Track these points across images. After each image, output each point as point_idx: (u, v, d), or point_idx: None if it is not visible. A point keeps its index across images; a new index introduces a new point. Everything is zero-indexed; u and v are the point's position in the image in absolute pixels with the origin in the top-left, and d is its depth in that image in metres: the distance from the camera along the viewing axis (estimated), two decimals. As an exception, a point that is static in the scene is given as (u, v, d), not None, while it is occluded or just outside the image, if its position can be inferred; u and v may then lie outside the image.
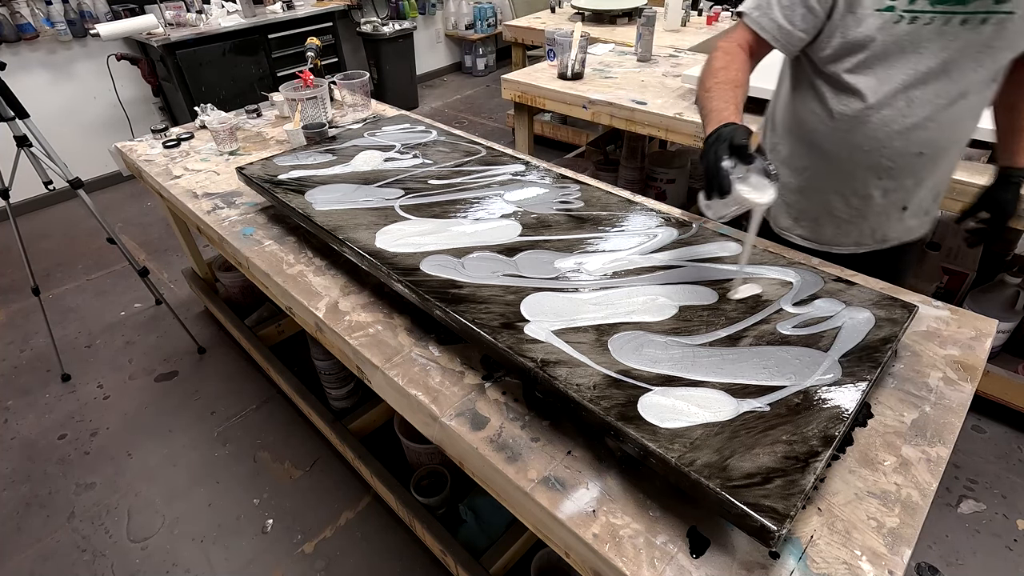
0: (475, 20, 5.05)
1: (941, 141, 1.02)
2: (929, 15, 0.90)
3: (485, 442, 0.86)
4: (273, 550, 1.59)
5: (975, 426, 1.84)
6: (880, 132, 1.02)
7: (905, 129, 1.01)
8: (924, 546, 1.54)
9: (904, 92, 0.98)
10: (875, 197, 1.11)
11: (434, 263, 1.08)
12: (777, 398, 0.78)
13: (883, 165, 1.06)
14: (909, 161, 1.04)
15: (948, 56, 0.93)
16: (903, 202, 1.11)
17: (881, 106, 1.00)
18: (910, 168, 1.06)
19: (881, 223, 1.15)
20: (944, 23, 0.91)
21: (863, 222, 1.15)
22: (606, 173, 2.82)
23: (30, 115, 1.86)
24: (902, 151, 1.03)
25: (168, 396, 2.09)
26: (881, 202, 1.11)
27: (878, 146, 1.04)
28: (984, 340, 1.00)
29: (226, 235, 1.41)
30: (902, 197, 1.10)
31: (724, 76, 1.00)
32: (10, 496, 1.76)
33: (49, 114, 3.15)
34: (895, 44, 0.94)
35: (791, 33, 1.00)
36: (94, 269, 2.81)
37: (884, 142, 1.03)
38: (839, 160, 1.09)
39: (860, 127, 1.03)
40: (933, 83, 0.96)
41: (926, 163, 1.05)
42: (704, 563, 0.70)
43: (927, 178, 1.08)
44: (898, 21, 0.92)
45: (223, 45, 3.32)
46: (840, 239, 1.19)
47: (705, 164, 0.87)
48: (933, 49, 0.93)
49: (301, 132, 1.77)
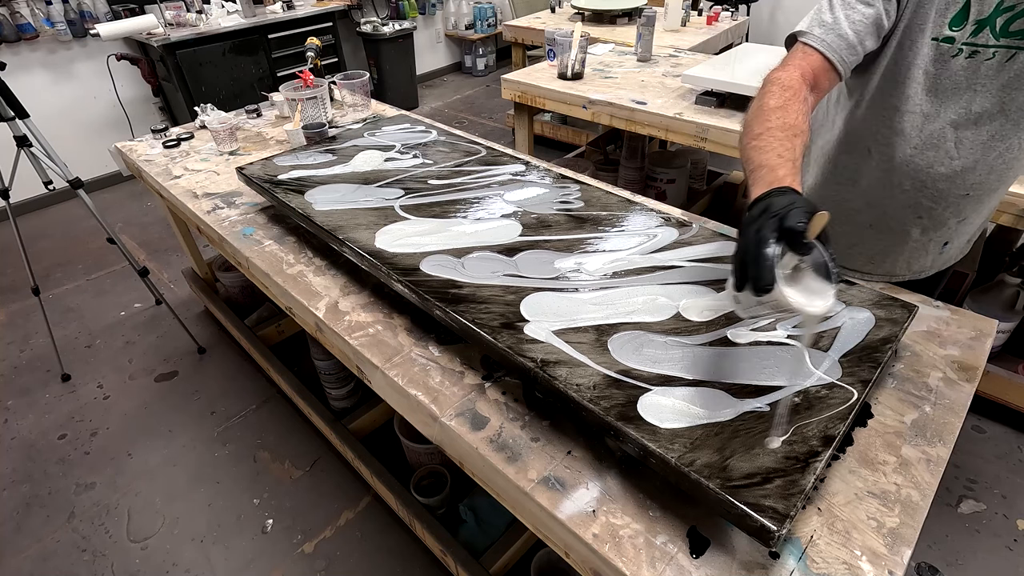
0: (475, 20, 5.05)
1: (991, 183, 0.93)
2: (992, 49, 0.81)
3: (485, 442, 0.86)
4: (273, 550, 1.59)
5: (975, 426, 1.84)
6: (923, 174, 0.93)
7: (952, 173, 0.92)
8: (924, 546, 1.54)
9: (953, 132, 0.88)
10: (912, 235, 1.02)
11: (434, 263, 1.08)
12: (777, 398, 0.78)
13: (924, 205, 0.96)
14: (954, 202, 0.95)
15: (1008, 96, 0.84)
16: (944, 239, 1.02)
17: (926, 147, 0.91)
18: (954, 208, 0.96)
19: (918, 257, 1.07)
20: (1007, 58, 0.81)
21: (898, 256, 1.07)
22: (606, 173, 2.82)
23: (30, 115, 1.86)
24: (946, 193, 0.94)
25: (168, 396, 2.09)
26: (919, 239, 1.02)
27: (919, 186, 0.95)
28: (984, 340, 1.00)
29: (226, 235, 1.41)
30: (943, 235, 1.01)
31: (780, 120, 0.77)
32: (10, 496, 1.76)
33: (49, 114, 3.15)
34: (949, 80, 0.85)
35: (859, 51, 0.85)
36: (94, 269, 2.81)
37: (927, 184, 0.93)
38: (875, 198, 1.00)
39: (900, 167, 0.94)
40: (987, 124, 0.87)
41: (971, 203, 0.96)
42: (704, 563, 0.70)
43: (973, 216, 1.00)
44: (956, 55, 0.83)
45: (223, 45, 3.32)
46: (871, 268, 1.12)
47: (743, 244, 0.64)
48: (992, 88, 0.84)
49: (301, 132, 1.77)
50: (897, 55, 0.87)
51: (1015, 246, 2.03)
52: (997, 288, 1.78)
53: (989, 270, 1.91)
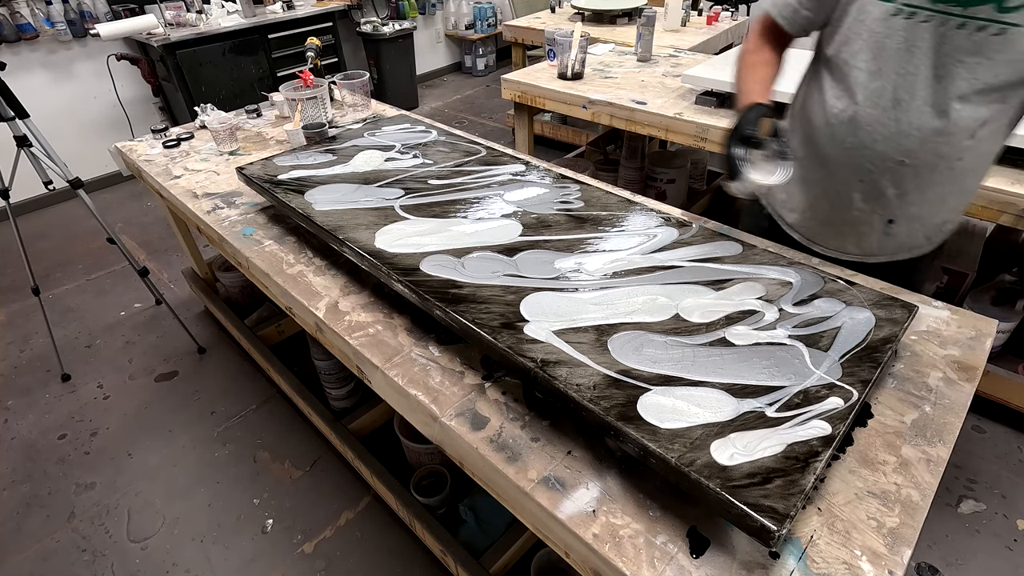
0: (475, 20, 5.05)
1: (925, 154, 0.98)
2: (927, 12, 0.87)
3: (485, 442, 0.86)
4: (273, 550, 1.59)
5: (975, 426, 1.84)
6: (864, 132, 1.00)
7: (890, 134, 0.98)
8: (924, 546, 1.54)
9: (892, 92, 0.95)
10: (854, 201, 1.08)
11: (434, 263, 1.08)
12: (777, 398, 0.78)
13: (864, 167, 1.04)
14: (890, 168, 1.01)
15: (940, 61, 0.90)
16: (887, 215, 1.07)
17: (868, 104, 0.98)
18: (892, 177, 1.02)
19: (865, 234, 1.12)
20: (941, 24, 0.87)
21: (846, 228, 1.14)
22: (606, 173, 2.82)
23: (30, 115, 1.86)
24: (884, 156, 1.00)
25: (168, 396, 2.09)
26: (862, 207, 1.08)
27: (861, 146, 1.02)
28: (984, 340, 1.00)
29: (226, 235, 1.41)
30: (884, 208, 1.07)
31: (754, 58, 1.09)
32: (10, 496, 1.76)
33: (49, 114, 3.15)
34: (889, 38, 0.92)
35: (798, 12, 1.05)
36: (94, 269, 2.81)
37: (867, 143, 1.01)
38: (827, 155, 1.08)
39: (848, 123, 1.02)
40: (923, 89, 0.93)
41: (909, 174, 1.01)
42: (704, 563, 0.70)
43: (913, 193, 1.03)
44: (895, 14, 0.90)
45: (223, 45, 3.32)
46: (827, 240, 1.18)
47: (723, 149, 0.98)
48: (925, 50, 0.90)
49: (301, 132, 1.77)
50: (848, 13, 0.97)
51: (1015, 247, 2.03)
52: (997, 288, 1.78)
53: (989, 270, 1.91)
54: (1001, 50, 0.85)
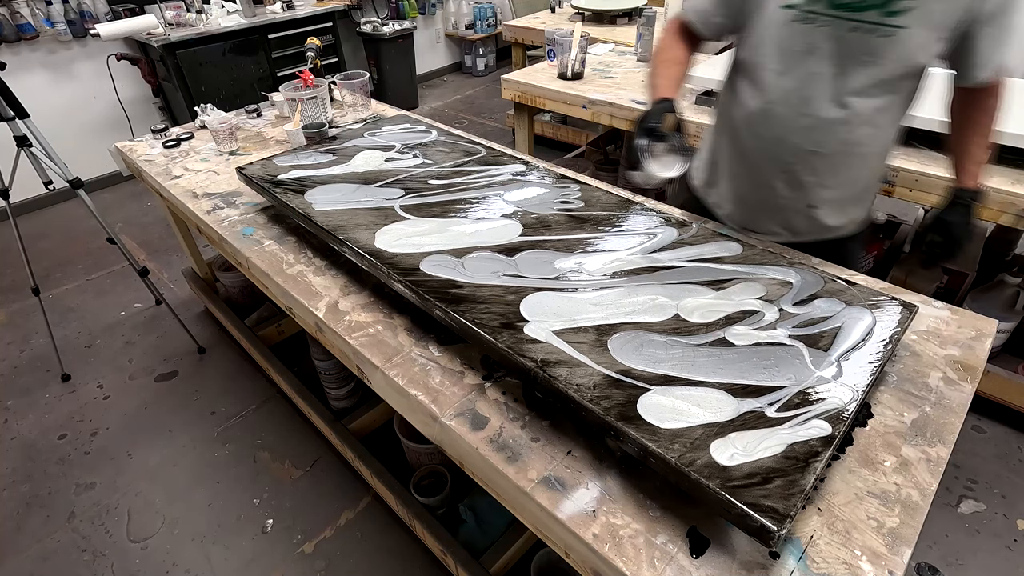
0: (475, 20, 5.05)
1: (833, 143, 1.06)
2: (825, 18, 0.95)
3: (485, 442, 0.86)
4: (273, 550, 1.59)
5: (975, 426, 1.84)
6: (779, 127, 1.08)
7: (802, 128, 1.06)
8: (924, 546, 1.54)
9: (799, 90, 1.03)
10: (778, 189, 1.16)
11: (434, 263, 1.08)
12: (777, 398, 0.78)
13: (783, 159, 1.12)
14: (806, 158, 1.09)
15: (839, 61, 0.98)
16: (808, 200, 1.15)
17: (780, 102, 1.06)
18: (807, 165, 1.10)
19: (789, 217, 1.20)
20: (836, 28, 0.95)
21: (775, 214, 1.21)
22: (606, 173, 2.82)
23: (30, 115, 1.86)
24: (799, 148, 1.08)
25: (168, 396, 2.09)
26: (786, 195, 1.16)
27: (777, 140, 1.10)
28: (984, 340, 1.00)
29: (226, 235, 1.41)
30: (806, 194, 1.15)
31: (665, 56, 1.15)
32: (10, 496, 1.76)
33: (49, 114, 3.15)
34: (793, 42, 1.00)
35: (709, 17, 1.11)
36: (94, 269, 2.81)
37: (782, 137, 1.09)
38: (749, 150, 1.16)
39: (764, 121, 1.10)
40: (827, 86, 1.00)
41: (822, 162, 1.09)
42: (704, 563, 0.70)
43: (828, 178, 1.11)
44: (796, 20, 0.98)
45: (223, 45, 3.32)
46: (759, 226, 1.25)
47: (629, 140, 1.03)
48: (826, 51, 0.98)
49: (301, 132, 1.77)
50: (756, 19, 1.04)
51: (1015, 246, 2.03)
52: (997, 288, 1.78)
53: (989, 270, 1.91)
54: (890, 49, 0.94)
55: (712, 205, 1.33)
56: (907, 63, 0.96)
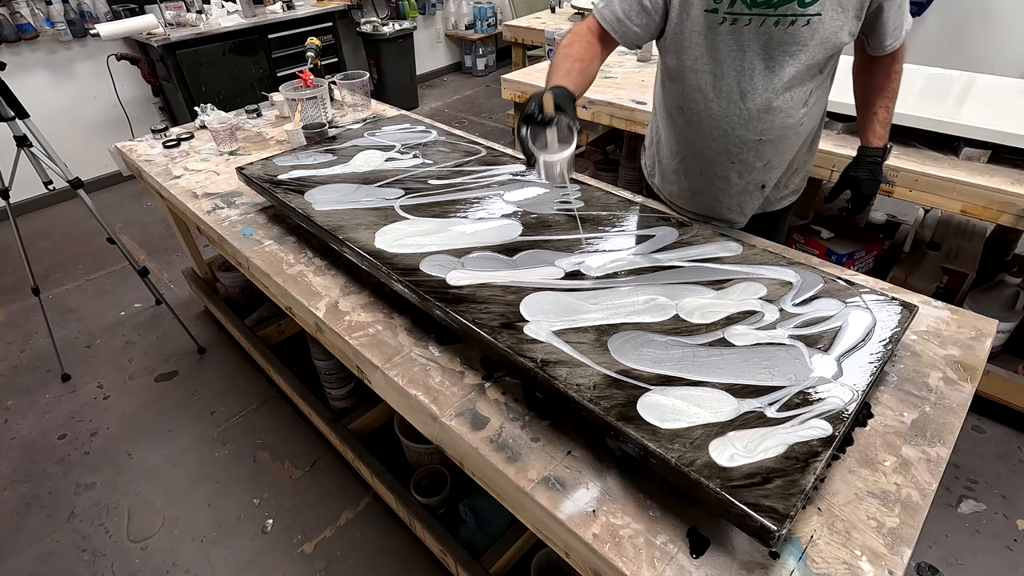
0: (475, 20, 5.05)
1: (775, 128, 1.12)
2: (747, 17, 1.00)
3: (485, 442, 0.86)
4: (273, 550, 1.59)
5: (975, 426, 1.84)
6: (724, 123, 1.13)
7: (744, 120, 1.11)
8: (924, 546, 1.54)
9: (737, 87, 1.08)
10: (732, 179, 1.22)
11: (434, 263, 1.08)
12: (777, 398, 0.78)
13: (732, 151, 1.17)
14: (753, 146, 1.15)
15: (769, 54, 1.04)
16: (760, 182, 1.23)
17: (721, 100, 1.11)
18: (756, 152, 1.16)
19: (746, 200, 1.27)
20: (760, 24, 1.00)
21: (731, 200, 1.27)
22: (606, 173, 2.82)
23: (30, 115, 1.86)
24: (744, 138, 1.14)
25: (168, 396, 2.09)
26: (739, 182, 1.23)
27: (725, 135, 1.15)
28: (984, 340, 1.00)
29: (226, 235, 1.41)
30: (757, 178, 1.22)
31: (566, 52, 1.10)
32: (10, 496, 1.76)
33: (49, 114, 3.15)
34: (722, 43, 1.04)
35: (627, 26, 1.09)
36: (94, 269, 2.81)
37: (729, 131, 1.14)
38: (700, 147, 1.21)
39: (709, 119, 1.15)
40: (760, 78, 1.06)
41: (768, 147, 1.16)
42: (704, 563, 0.70)
43: (775, 159, 1.19)
44: (722, 22, 1.02)
45: (223, 45, 3.32)
46: (718, 213, 1.31)
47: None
48: (755, 48, 1.03)
49: (301, 132, 1.77)
50: (680, 26, 1.06)
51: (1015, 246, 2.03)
52: (997, 288, 1.78)
53: (989, 270, 1.91)
54: (813, 35, 1.01)
55: (669, 201, 1.39)
56: (829, 45, 1.03)
